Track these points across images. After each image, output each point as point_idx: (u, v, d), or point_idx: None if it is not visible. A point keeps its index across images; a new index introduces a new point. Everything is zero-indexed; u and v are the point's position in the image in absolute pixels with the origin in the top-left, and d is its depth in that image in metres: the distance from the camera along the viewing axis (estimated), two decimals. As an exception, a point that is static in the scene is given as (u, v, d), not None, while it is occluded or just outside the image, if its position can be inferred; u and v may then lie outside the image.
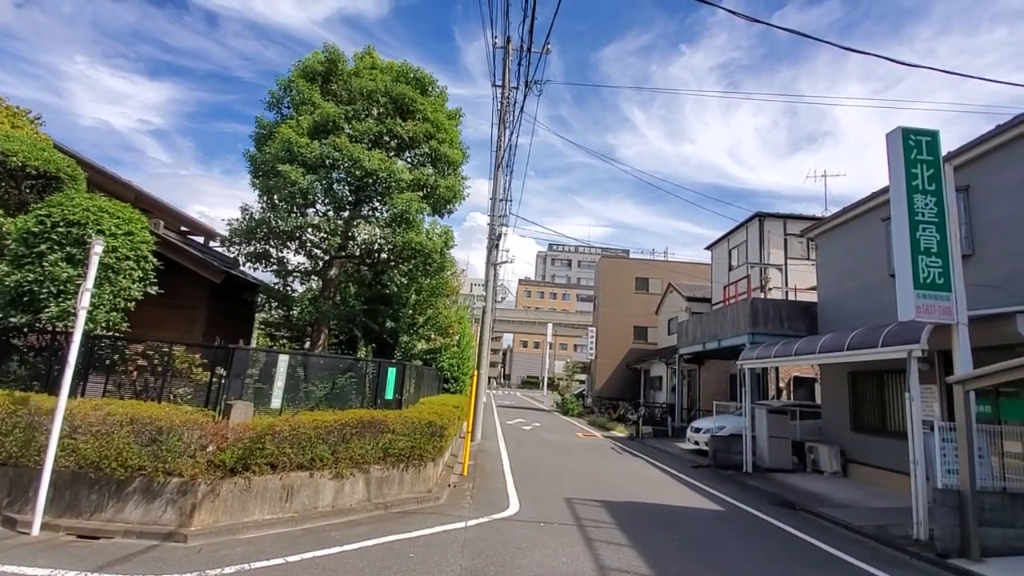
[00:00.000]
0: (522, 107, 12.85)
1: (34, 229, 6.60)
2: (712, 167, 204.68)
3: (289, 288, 11.27)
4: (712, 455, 12.74)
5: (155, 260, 7.46)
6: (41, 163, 7.77)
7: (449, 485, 8.57)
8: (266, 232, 9.91)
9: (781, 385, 18.13)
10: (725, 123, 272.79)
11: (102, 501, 5.54)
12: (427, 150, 11.01)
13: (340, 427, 6.75)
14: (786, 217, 19.32)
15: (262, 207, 10.31)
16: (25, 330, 6.68)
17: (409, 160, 11.27)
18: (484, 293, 15.54)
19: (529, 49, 10.80)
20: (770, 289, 18.59)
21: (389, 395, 8.63)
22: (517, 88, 14.40)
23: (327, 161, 9.68)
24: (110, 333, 6.89)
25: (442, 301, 14.26)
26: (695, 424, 15.99)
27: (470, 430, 11.14)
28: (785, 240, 18.97)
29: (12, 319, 6.42)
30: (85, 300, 5.51)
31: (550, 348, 63.02)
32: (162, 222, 8.31)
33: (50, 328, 6.72)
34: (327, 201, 10.41)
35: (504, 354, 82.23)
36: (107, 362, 6.81)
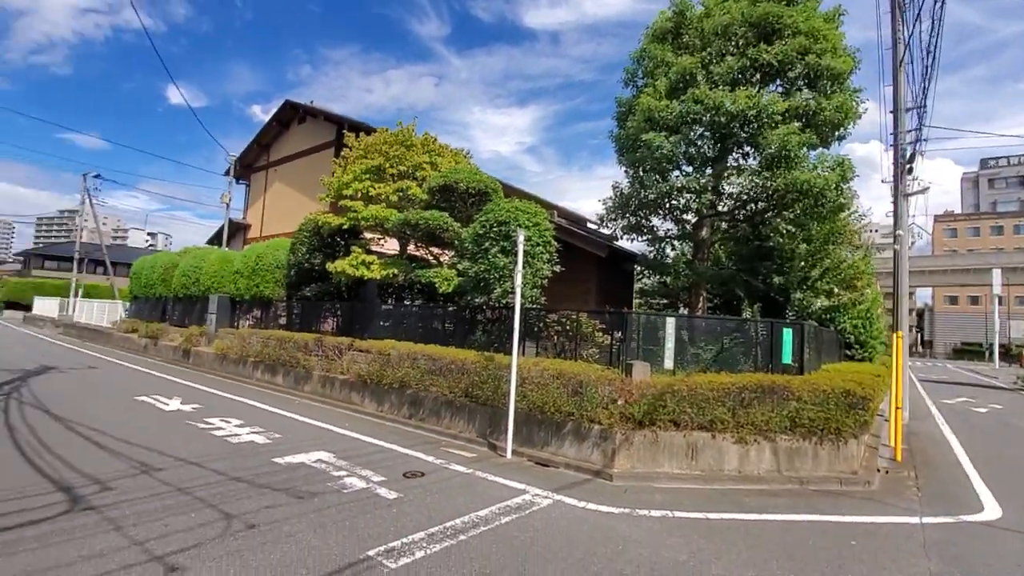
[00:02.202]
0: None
1: (479, 231, 8.83)
2: None
3: (662, 255, 11.64)
4: None
5: (555, 244, 8.87)
6: (476, 184, 10.37)
7: (879, 470, 7.05)
8: (636, 204, 10.49)
9: None
10: None
11: (547, 438, 6.92)
12: (801, 69, 9.27)
13: (738, 390, 6.43)
14: None
15: (629, 181, 10.95)
16: (483, 307, 9.05)
17: (779, 89, 9.78)
18: (892, 233, 12.17)
19: None
20: None
21: (786, 359, 7.72)
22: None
23: (687, 118, 9.42)
24: (534, 306, 8.57)
25: (841, 249, 11.90)
26: None
27: (898, 406, 8.91)
28: None
29: (476, 299, 8.79)
30: (518, 280, 6.97)
31: (999, 303, 45.19)
32: (555, 211, 9.95)
33: (496, 305, 8.86)
34: (689, 161, 10.17)
35: (920, 314, 64.03)
36: (535, 329, 8.51)
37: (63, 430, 6.78)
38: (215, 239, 23.33)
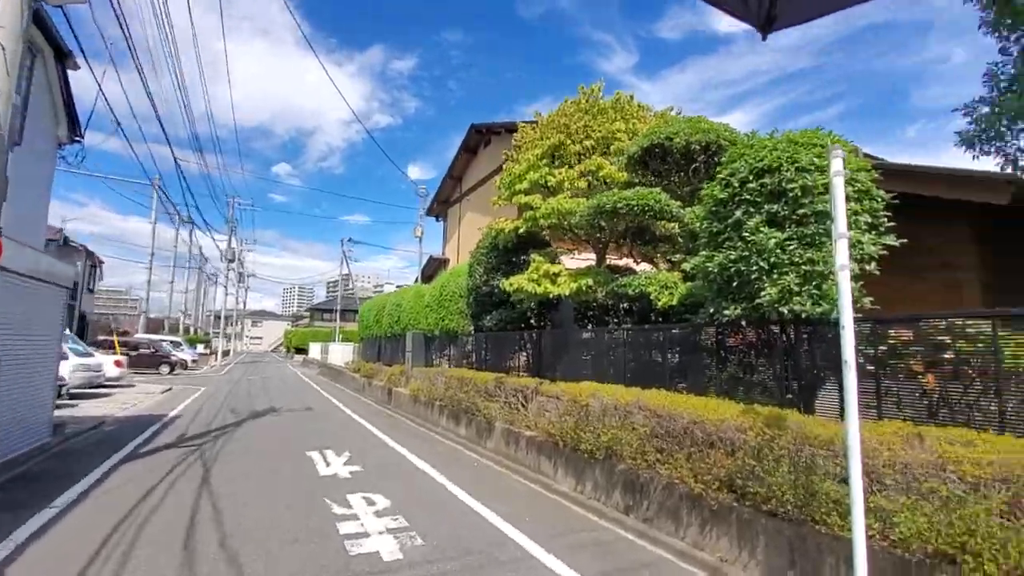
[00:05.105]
0: None
1: (721, 196, 5.20)
2: None
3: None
4: None
5: (882, 194, 4.69)
6: (701, 136, 6.76)
7: None
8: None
9: None
10: None
11: (971, 632, 2.80)
12: None
13: None
14: None
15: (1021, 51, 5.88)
16: (738, 325, 5.26)
17: None
18: None
19: None
20: None
21: None
22: None
23: None
24: (858, 315, 4.49)
25: None
26: None
27: None
28: None
29: (725, 311, 5.07)
30: (842, 253, 3.16)
31: None
32: (859, 149, 5.68)
33: (767, 317, 5.00)
34: None
35: None
36: (857, 360, 4.39)
37: (188, 507, 5.32)
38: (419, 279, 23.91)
